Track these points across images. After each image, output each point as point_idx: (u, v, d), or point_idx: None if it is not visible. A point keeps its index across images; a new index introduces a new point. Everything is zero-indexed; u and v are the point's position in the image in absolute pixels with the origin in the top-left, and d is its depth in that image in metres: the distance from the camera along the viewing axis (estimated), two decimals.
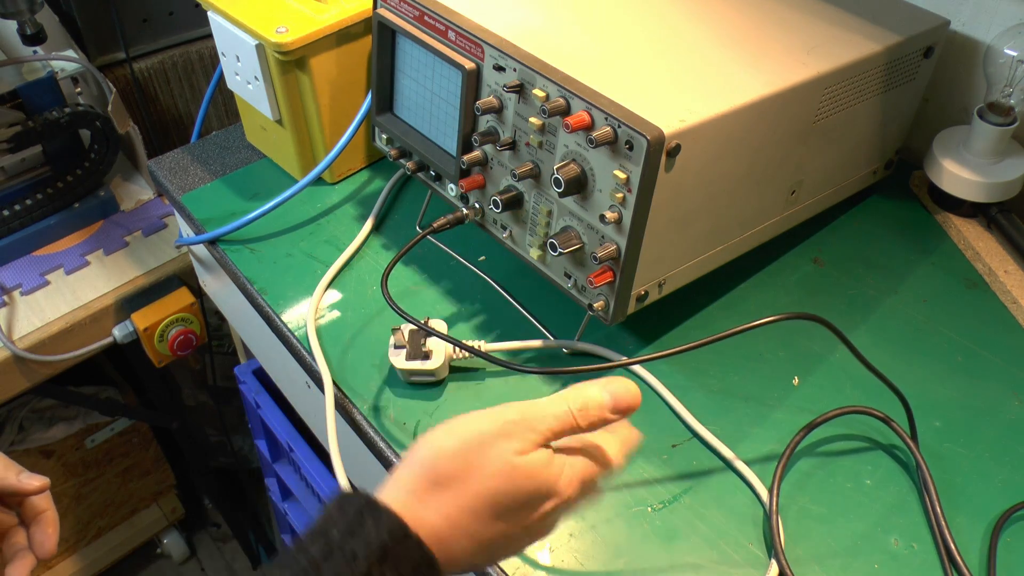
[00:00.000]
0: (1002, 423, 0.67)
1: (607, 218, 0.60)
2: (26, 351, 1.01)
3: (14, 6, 0.98)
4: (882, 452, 0.65)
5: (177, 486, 1.63)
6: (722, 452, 0.64)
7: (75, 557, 1.52)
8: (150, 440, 1.51)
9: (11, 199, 1.07)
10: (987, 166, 0.80)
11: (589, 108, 0.58)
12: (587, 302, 0.65)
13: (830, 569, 0.57)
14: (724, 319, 0.75)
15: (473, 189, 0.71)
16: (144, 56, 1.26)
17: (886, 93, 0.75)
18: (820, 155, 0.73)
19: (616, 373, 0.70)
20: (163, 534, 1.67)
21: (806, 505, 0.61)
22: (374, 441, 0.66)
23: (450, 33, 0.67)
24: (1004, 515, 0.60)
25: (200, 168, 0.93)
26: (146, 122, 1.29)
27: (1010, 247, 0.80)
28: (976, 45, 0.82)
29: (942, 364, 0.71)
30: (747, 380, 0.70)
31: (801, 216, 0.78)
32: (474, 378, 0.70)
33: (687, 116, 0.58)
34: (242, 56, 0.82)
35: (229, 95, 1.27)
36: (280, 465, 1.11)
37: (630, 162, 0.57)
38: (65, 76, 1.05)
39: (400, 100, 0.77)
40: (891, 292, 0.77)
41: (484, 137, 0.67)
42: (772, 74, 0.64)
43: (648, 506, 0.61)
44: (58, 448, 1.36)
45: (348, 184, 0.89)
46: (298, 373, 0.77)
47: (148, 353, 1.13)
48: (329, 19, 0.78)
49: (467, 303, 0.76)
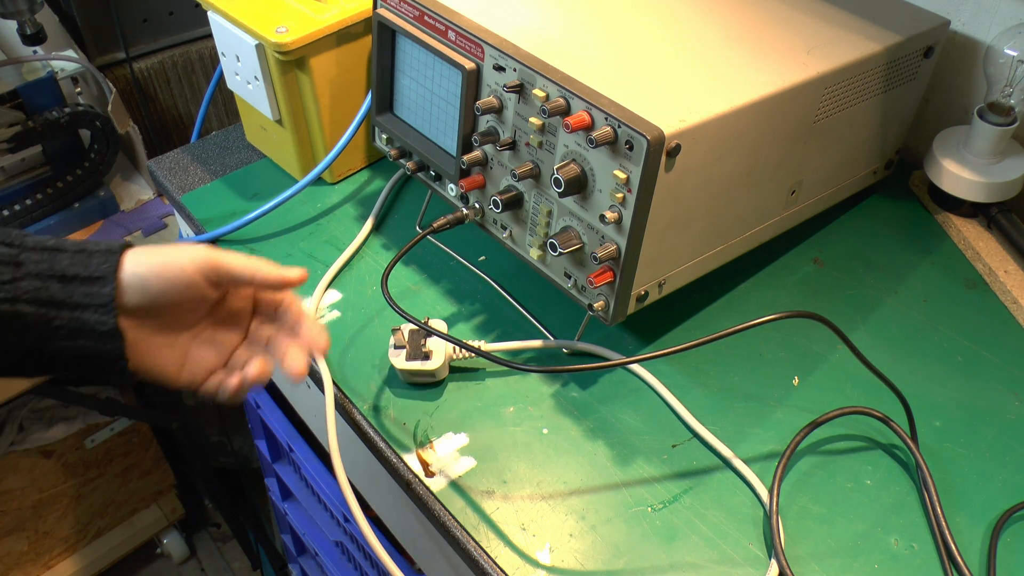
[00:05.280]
0: (1002, 423, 0.67)
1: (607, 218, 0.60)
2: None
3: (14, 6, 0.98)
4: (882, 452, 0.65)
5: (177, 486, 1.63)
6: (722, 452, 0.64)
7: (75, 557, 1.52)
8: (150, 440, 1.51)
9: (11, 199, 1.07)
10: (987, 166, 0.80)
11: (589, 108, 0.58)
12: (587, 302, 0.65)
13: (830, 569, 0.57)
14: (724, 319, 0.75)
15: (473, 189, 0.71)
16: (144, 56, 1.26)
17: (886, 93, 0.75)
18: (820, 155, 0.73)
19: (616, 372, 0.70)
20: (163, 534, 1.67)
21: (806, 505, 0.61)
22: (374, 441, 0.66)
23: (450, 33, 0.67)
24: (1004, 515, 0.60)
25: (200, 168, 0.93)
26: (146, 122, 1.29)
27: (1010, 247, 0.80)
28: (976, 45, 0.82)
29: (942, 364, 0.71)
30: (747, 380, 0.70)
31: (801, 216, 0.78)
32: (474, 378, 0.70)
33: (687, 116, 0.58)
34: (242, 56, 0.82)
35: (229, 95, 1.28)
36: (280, 465, 1.11)
37: (630, 162, 0.57)
38: (65, 76, 1.05)
39: (400, 100, 0.77)
40: (891, 292, 0.77)
41: (484, 137, 0.67)
42: (772, 74, 0.64)
43: (648, 506, 0.61)
44: (58, 448, 1.36)
45: (348, 184, 0.89)
46: None
47: None
48: (329, 19, 0.78)
49: (467, 303, 0.76)
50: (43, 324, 0.47)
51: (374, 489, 0.78)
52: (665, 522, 0.60)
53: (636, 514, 0.61)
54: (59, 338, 0.47)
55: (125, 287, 0.49)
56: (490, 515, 0.61)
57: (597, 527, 0.60)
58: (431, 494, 0.62)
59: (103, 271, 0.48)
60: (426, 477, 0.63)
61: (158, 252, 0.51)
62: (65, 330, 0.47)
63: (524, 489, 0.62)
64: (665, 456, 0.64)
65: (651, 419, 0.67)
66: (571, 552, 0.59)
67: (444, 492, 0.62)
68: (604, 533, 0.60)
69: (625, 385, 0.69)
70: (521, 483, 0.62)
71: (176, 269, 0.51)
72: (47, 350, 0.48)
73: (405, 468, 0.64)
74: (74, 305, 0.47)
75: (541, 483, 0.62)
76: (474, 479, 0.63)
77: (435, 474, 0.63)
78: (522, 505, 0.61)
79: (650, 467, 0.63)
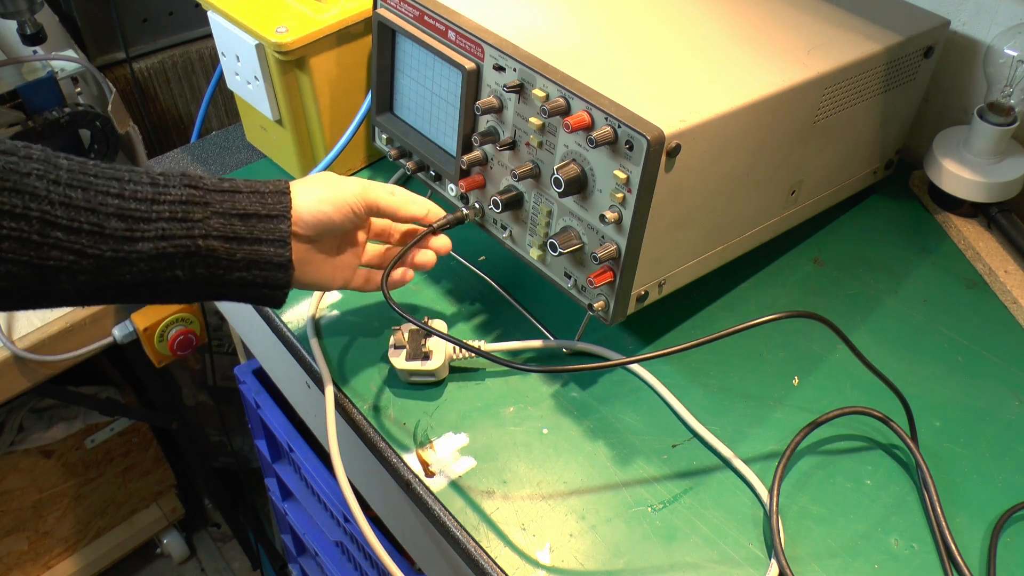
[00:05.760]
0: (1002, 423, 0.67)
1: (607, 218, 0.60)
2: (26, 351, 1.01)
3: (14, 6, 0.98)
4: (882, 452, 0.65)
5: (177, 486, 1.63)
6: (722, 452, 0.64)
7: (75, 557, 1.52)
8: (150, 440, 1.51)
9: None
10: (987, 166, 0.80)
11: (589, 108, 0.58)
12: (587, 302, 0.65)
13: (830, 569, 0.57)
14: (724, 319, 0.75)
15: (473, 189, 0.71)
16: (144, 56, 1.26)
17: (886, 93, 0.75)
18: (820, 155, 0.73)
19: (616, 372, 0.70)
20: (163, 534, 1.67)
21: (806, 505, 0.61)
22: (374, 441, 0.66)
23: (450, 33, 0.67)
24: (1004, 515, 0.60)
25: (200, 168, 0.93)
26: (146, 122, 1.29)
27: (1010, 247, 0.80)
28: (976, 45, 0.82)
29: (942, 364, 0.71)
30: (747, 380, 0.70)
31: (801, 216, 0.78)
32: (474, 378, 0.70)
33: (687, 116, 0.58)
34: (242, 56, 0.82)
35: (229, 95, 1.28)
36: (280, 465, 1.11)
37: (630, 162, 0.57)
38: (65, 76, 1.05)
39: (400, 100, 0.77)
40: (891, 292, 0.77)
41: (484, 137, 0.67)
42: (772, 74, 0.64)
43: (648, 506, 0.61)
44: (58, 448, 1.36)
45: None
46: (298, 373, 0.77)
47: (148, 353, 1.13)
48: (329, 19, 0.78)
49: (467, 303, 0.76)
50: (227, 256, 0.53)
51: (374, 489, 0.78)
52: (665, 522, 0.60)
53: (636, 514, 0.61)
54: (239, 268, 0.54)
55: (297, 222, 0.57)
56: (490, 515, 0.61)
57: (597, 527, 0.60)
58: (431, 494, 0.62)
59: (279, 210, 0.55)
60: (426, 477, 0.63)
61: (323, 188, 0.59)
62: (245, 261, 0.54)
63: (524, 489, 0.62)
64: (665, 456, 0.64)
65: (651, 419, 0.67)
66: (571, 552, 0.59)
67: (444, 492, 0.62)
68: (604, 533, 0.60)
69: (625, 385, 0.69)
70: (521, 483, 0.62)
71: (340, 204, 0.59)
72: (227, 278, 0.54)
73: (405, 468, 0.64)
74: (254, 240, 0.54)
75: (541, 483, 0.62)
76: (474, 479, 0.63)
77: (435, 474, 0.63)
78: (522, 505, 0.61)
79: (650, 467, 0.63)
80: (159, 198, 0.51)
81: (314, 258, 0.60)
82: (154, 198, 0.51)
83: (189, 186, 0.53)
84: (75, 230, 0.48)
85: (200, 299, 0.56)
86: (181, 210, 0.52)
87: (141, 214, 0.50)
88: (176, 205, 0.51)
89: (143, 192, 0.51)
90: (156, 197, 0.51)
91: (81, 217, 0.49)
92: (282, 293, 0.57)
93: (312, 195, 0.58)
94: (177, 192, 0.52)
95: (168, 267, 0.52)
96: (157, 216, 0.51)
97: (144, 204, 0.51)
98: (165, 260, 0.51)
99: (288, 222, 0.55)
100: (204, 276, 0.53)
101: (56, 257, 0.48)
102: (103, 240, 0.49)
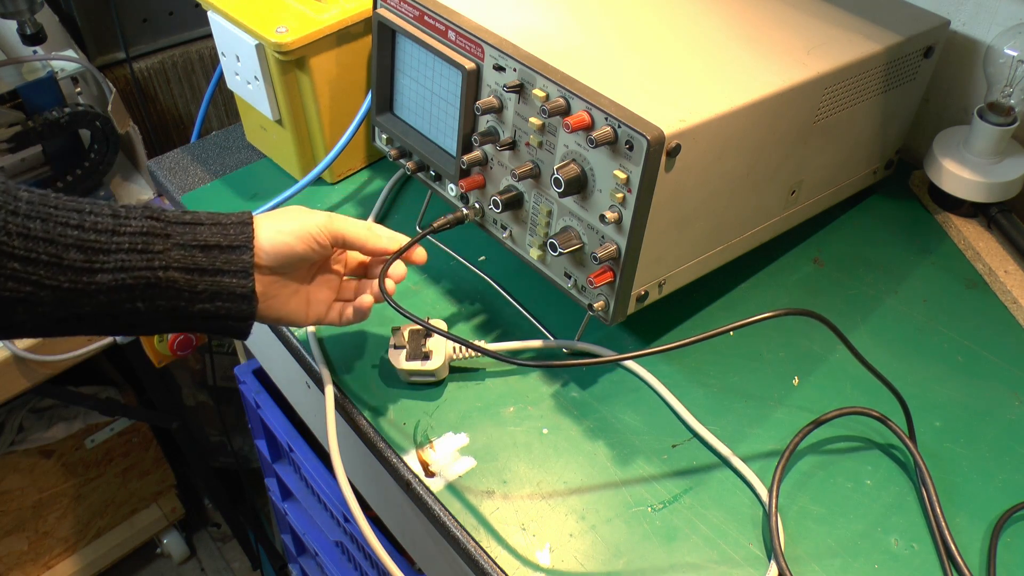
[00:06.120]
0: (1002, 423, 0.67)
1: (607, 218, 0.60)
2: (26, 351, 1.01)
3: (14, 6, 0.98)
4: (882, 452, 0.65)
5: (177, 486, 1.63)
6: (722, 452, 0.64)
7: (75, 557, 1.52)
8: (150, 440, 1.51)
9: None
10: (987, 166, 0.80)
11: (589, 108, 0.58)
12: (587, 302, 0.65)
13: (830, 569, 0.57)
14: (724, 319, 0.75)
15: (473, 189, 0.71)
16: (144, 56, 1.26)
17: (886, 93, 0.75)
18: (820, 155, 0.73)
19: (615, 372, 0.70)
20: (163, 534, 1.67)
21: (806, 505, 0.61)
22: (374, 441, 0.66)
23: (450, 33, 0.67)
24: (1004, 515, 0.60)
25: (200, 168, 0.93)
26: (146, 122, 1.29)
27: (1010, 247, 0.80)
28: (976, 45, 0.82)
29: (942, 364, 0.71)
30: (747, 380, 0.70)
31: (801, 216, 0.78)
32: (474, 378, 0.70)
33: (687, 116, 0.58)
34: (242, 56, 0.82)
35: (229, 95, 1.28)
36: (280, 465, 1.11)
37: (630, 162, 0.57)
38: (65, 76, 1.05)
39: (400, 100, 0.77)
40: (891, 292, 0.77)
41: (484, 137, 0.67)
42: (772, 74, 0.64)
43: (648, 506, 0.61)
44: (58, 448, 1.36)
45: (348, 184, 0.89)
46: (298, 373, 0.77)
47: (148, 353, 1.14)
48: (329, 19, 0.78)
49: (467, 303, 0.76)
50: (189, 288, 0.53)
51: (374, 489, 0.78)
52: (665, 522, 0.60)
53: (636, 514, 0.61)
54: (201, 300, 0.53)
55: (260, 253, 0.56)
56: (490, 515, 0.61)
57: (597, 527, 0.60)
58: (431, 494, 0.62)
59: (241, 240, 0.55)
60: (426, 477, 0.63)
61: (287, 221, 0.58)
62: (208, 293, 0.53)
63: (524, 489, 0.62)
64: (665, 456, 0.64)
65: (651, 419, 0.67)
66: (571, 552, 0.59)
67: (444, 492, 0.62)
68: (604, 533, 0.60)
69: (625, 385, 0.69)
70: (521, 483, 0.62)
71: (303, 234, 0.58)
72: (189, 310, 0.53)
73: (405, 468, 0.64)
74: (216, 271, 0.54)
75: (541, 483, 0.62)
76: (474, 479, 0.63)
77: (435, 474, 0.63)
78: (522, 505, 0.61)
79: (650, 467, 0.63)
80: (119, 229, 0.51)
81: (280, 291, 0.59)
82: (114, 229, 0.50)
83: (150, 218, 0.52)
84: (32, 260, 0.48)
85: (164, 331, 0.55)
86: (141, 241, 0.51)
87: (101, 245, 0.50)
88: (136, 236, 0.51)
89: (103, 223, 0.50)
90: (116, 228, 0.51)
91: (39, 248, 0.48)
92: (247, 324, 0.56)
93: (274, 226, 0.57)
94: (138, 224, 0.51)
95: (128, 299, 0.51)
96: (117, 247, 0.50)
97: (104, 235, 0.50)
98: (125, 292, 0.51)
99: (250, 252, 0.55)
100: (165, 308, 0.52)
101: (12, 288, 0.47)
102: (61, 271, 0.49)
